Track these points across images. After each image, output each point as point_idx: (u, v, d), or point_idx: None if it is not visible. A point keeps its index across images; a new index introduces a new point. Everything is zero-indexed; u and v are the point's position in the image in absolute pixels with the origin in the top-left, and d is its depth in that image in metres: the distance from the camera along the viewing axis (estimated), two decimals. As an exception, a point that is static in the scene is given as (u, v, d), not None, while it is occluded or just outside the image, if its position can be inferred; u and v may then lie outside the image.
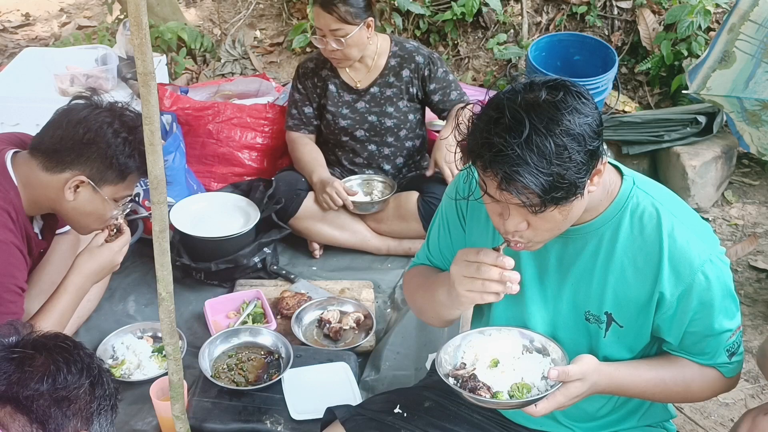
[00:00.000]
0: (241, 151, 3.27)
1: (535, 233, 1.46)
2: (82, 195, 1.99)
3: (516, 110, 1.35)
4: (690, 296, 1.51)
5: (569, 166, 1.34)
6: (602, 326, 1.59)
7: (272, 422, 2.17)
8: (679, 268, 1.50)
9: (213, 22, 4.92)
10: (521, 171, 1.32)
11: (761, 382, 2.62)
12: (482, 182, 1.41)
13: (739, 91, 3.28)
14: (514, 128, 1.34)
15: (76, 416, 1.14)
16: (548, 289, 1.62)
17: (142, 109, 1.34)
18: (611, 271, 1.55)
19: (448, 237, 1.77)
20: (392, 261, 3.04)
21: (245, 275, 2.87)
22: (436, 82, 3.00)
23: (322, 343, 2.55)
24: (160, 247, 1.48)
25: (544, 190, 1.33)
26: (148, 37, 1.28)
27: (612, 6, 4.27)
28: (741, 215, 3.47)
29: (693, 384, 1.62)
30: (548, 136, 1.33)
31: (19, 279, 1.91)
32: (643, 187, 1.56)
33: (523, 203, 1.36)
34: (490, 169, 1.36)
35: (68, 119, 1.97)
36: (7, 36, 5.11)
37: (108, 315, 2.68)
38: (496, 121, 1.36)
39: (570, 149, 1.34)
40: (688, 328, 1.55)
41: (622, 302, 1.56)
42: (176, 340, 1.63)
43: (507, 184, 1.34)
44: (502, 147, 1.33)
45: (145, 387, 2.24)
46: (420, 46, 3.04)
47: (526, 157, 1.32)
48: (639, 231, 1.53)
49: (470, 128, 1.42)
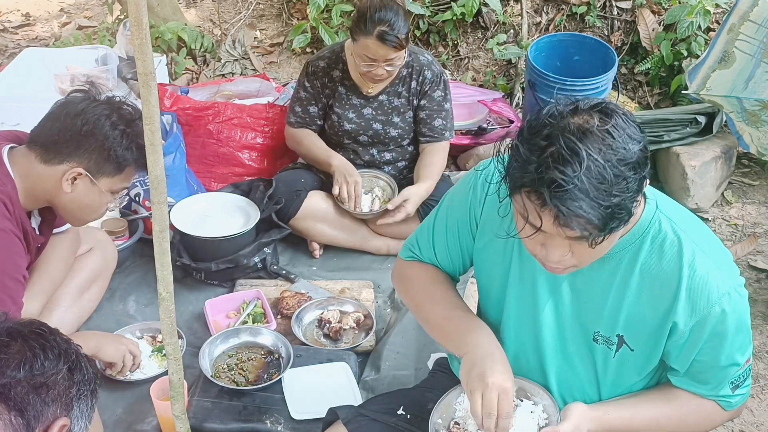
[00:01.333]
0: (241, 151, 3.27)
1: (580, 260, 1.42)
2: (79, 187, 1.99)
3: (569, 139, 1.28)
4: (703, 327, 1.48)
5: (627, 195, 1.30)
6: (612, 347, 1.58)
7: (272, 422, 2.17)
8: (696, 300, 1.47)
9: (213, 23, 4.92)
10: (584, 206, 1.26)
11: (761, 382, 2.63)
12: (535, 216, 1.32)
13: (739, 91, 3.29)
14: (570, 160, 1.27)
15: (55, 402, 1.12)
16: (561, 304, 1.60)
17: (143, 109, 1.34)
18: (627, 295, 1.52)
19: (457, 239, 1.73)
20: (392, 261, 3.04)
21: (245, 275, 2.87)
22: (429, 101, 2.98)
23: (322, 343, 2.55)
24: (160, 247, 1.48)
25: (604, 222, 1.29)
26: (148, 38, 1.28)
27: (612, 6, 4.27)
28: (741, 215, 3.47)
29: (688, 419, 1.61)
30: (606, 167, 1.27)
31: (21, 267, 1.92)
32: (666, 211, 1.51)
33: (583, 237, 1.31)
34: (549, 205, 1.28)
35: (66, 111, 1.98)
36: (7, 36, 5.10)
37: (108, 315, 2.68)
38: (549, 152, 1.29)
39: (627, 178, 1.29)
40: (697, 356, 1.53)
41: (635, 326, 1.54)
42: (176, 340, 1.64)
43: (566, 219, 1.28)
44: (563, 182, 1.26)
45: (145, 387, 2.25)
46: (433, 62, 3.01)
47: (587, 191, 1.26)
48: (658, 258, 1.49)
49: (516, 158, 1.33)
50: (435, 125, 3.01)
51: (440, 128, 3.01)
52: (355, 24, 2.77)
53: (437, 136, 3.01)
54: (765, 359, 2.72)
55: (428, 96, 2.98)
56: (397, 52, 2.77)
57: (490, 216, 1.61)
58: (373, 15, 2.71)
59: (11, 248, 1.90)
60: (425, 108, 2.99)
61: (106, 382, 2.35)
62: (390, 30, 2.70)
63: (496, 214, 1.52)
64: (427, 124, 3.01)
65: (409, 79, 2.97)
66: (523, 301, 1.64)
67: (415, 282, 1.81)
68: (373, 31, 2.71)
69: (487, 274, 1.71)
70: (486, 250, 1.67)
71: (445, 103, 3.02)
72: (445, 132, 3.02)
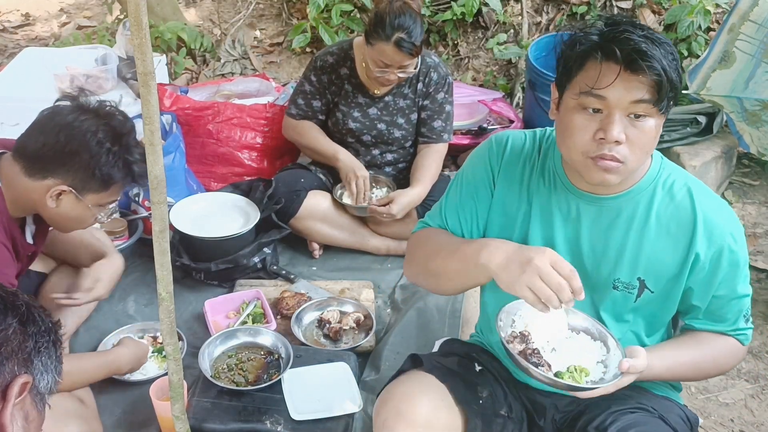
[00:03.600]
0: (241, 151, 3.27)
1: (631, 150, 1.46)
2: (64, 202, 1.94)
3: (630, 21, 1.45)
4: (721, 258, 1.58)
5: (677, 64, 1.44)
6: (633, 292, 1.63)
7: (272, 422, 2.17)
8: (712, 230, 1.57)
9: (213, 22, 4.92)
10: (657, 54, 1.39)
11: (761, 382, 2.63)
12: (603, 78, 1.42)
13: (739, 91, 3.29)
14: (636, 28, 1.42)
15: (10, 359, 1.03)
16: (580, 256, 1.63)
17: (142, 109, 1.34)
18: (646, 239, 1.59)
19: (472, 200, 1.73)
20: (392, 261, 3.04)
21: (245, 275, 2.87)
22: (432, 101, 2.98)
23: (322, 344, 2.55)
24: (160, 247, 1.48)
25: (668, 76, 1.40)
26: (148, 37, 1.28)
27: (612, 6, 4.28)
28: (741, 215, 3.47)
29: (720, 358, 1.69)
30: (663, 42, 1.42)
31: (9, 276, 1.86)
32: (670, 164, 1.65)
33: (648, 100, 1.41)
34: (616, 49, 1.40)
35: (52, 123, 1.90)
36: (7, 36, 5.11)
37: (108, 315, 2.67)
38: (609, 26, 1.46)
39: (677, 59, 1.45)
40: (716, 291, 1.61)
41: (656, 268, 1.61)
42: (176, 341, 1.63)
43: (634, 63, 1.39)
44: (633, 31, 1.40)
45: (145, 387, 2.24)
46: (440, 63, 3.00)
47: (657, 42, 1.40)
48: (671, 199, 1.59)
49: (578, 37, 1.49)
50: (434, 126, 3.01)
51: (439, 129, 3.01)
52: (373, 28, 2.74)
53: (435, 137, 3.01)
54: (765, 359, 2.72)
55: (431, 97, 2.98)
56: (412, 59, 2.77)
57: (507, 170, 1.68)
58: (392, 21, 2.69)
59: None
60: (427, 108, 2.99)
61: (106, 382, 2.34)
62: (408, 37, 2.70)
63: (512, 169, 1.65)
64: (427, 124, 3.01)
65: (415, 81, 2.97)
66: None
67: (421, 240, 1.81)
68: (391, 38, 2.70)
69: (503, 226, 1.71)
70: (504, 199, 1.70)
71: (447, 105, 3.02)
72: (443, 134, 3.02)
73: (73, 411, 1.94)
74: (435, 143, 3.02)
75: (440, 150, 3.04)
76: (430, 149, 3.02)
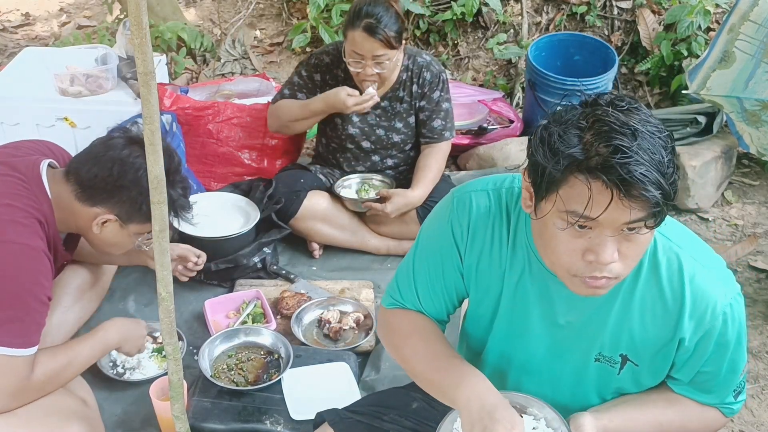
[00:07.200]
0: (240, 150, 3.27)
1: (624, 263, 1.32)
2: (108, 229, 2.03)
3: (613, 113, 1.24)
4: (709, 340, 1.47)
5: (674, 169, 1.25)
6: (616, 366, 1.55)
7: (272, 422, 2.17)
8: (701, 315, 1.44)
9: (213, 22, 4.92)
10: (649, 174, 1.19)
11: (761, 382, 2.63)
12: (591, 204, 1.23)
13: (739, 91, 3.28)
14: (622, 131, 1.21)
15: None
16: (558, 329, 1.54)
17: (143, 109, 1.34)
18: (629, 317, 1.48)
19: (441, 278, 1.61)
20: (392, 261, 3.04)
21: (245, 275, 2.87)
22: (428, 101, 2.97)
23: (322, 343, 2.55)
24: (160, 247, 1.48)
25: (667, 192, 1.22)
26: (148, 37, 1.27)
27: (612, 6, 4.28)
28: (741, 215, 3.47)
29: (691, 425, 1.58)
30: (654, 134, 1.23)
31: (46, 288, 1.91)
32: (661, 229, 1.43)
33: (641, 218, 1.24)
34: (609, 175, 1.20)
35: (107, 155, 1.98)
36: (7, 36, 5.10)
37: (108, 315, 2.66)
38: (595, 129, 1.24)
39: (670, 149, 1.25)
40: (702, 368, 1.51)
41: (639, 345, 1.51)
42: (176, 340, 1.63)
43: (630, 189, 1.20)
44: (625, 149, 1.19)
45: (145, 387, 2.25)
46: (432, 61, 2.98)
47: (649, 156, 1.20)
48: (658, 278, 1.45)
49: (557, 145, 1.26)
50: (434, 126, 3.00)
51: (440, 129, 3.00)
52: (346, 21, 2.79)
53: (437, 137, 3.00)
54: (765, 359, 2.72)
55: (427, 97, 2.96)
56: (384, 48, 2.74)
57: (473, 243, 1.54)
58: (361, 9, 2.72)
59: (40, 268, 1.89)
60: (425, 109, 2.98)
61: (106, 382, 2.35)
62: (377, 23, 2.69)
63: (476, 239, 1.48)
64: (427, 125, 3.00)
65: (409, 83, 2.96)
66: (514, 324, 1.58)
67: (397, 334, 1.70)
68: (360, 24, 2.71)
69: (477, 302, 1.63)
70: (477, 267, 1.57)
71: (444, 102, 3.00)
72: (444, 132, 3.01)
73: (76, 411, 1.95)
74: (437, 142, 3.01)
75: (443, 149, 3.03)
76: (432, 149, 3.01)
